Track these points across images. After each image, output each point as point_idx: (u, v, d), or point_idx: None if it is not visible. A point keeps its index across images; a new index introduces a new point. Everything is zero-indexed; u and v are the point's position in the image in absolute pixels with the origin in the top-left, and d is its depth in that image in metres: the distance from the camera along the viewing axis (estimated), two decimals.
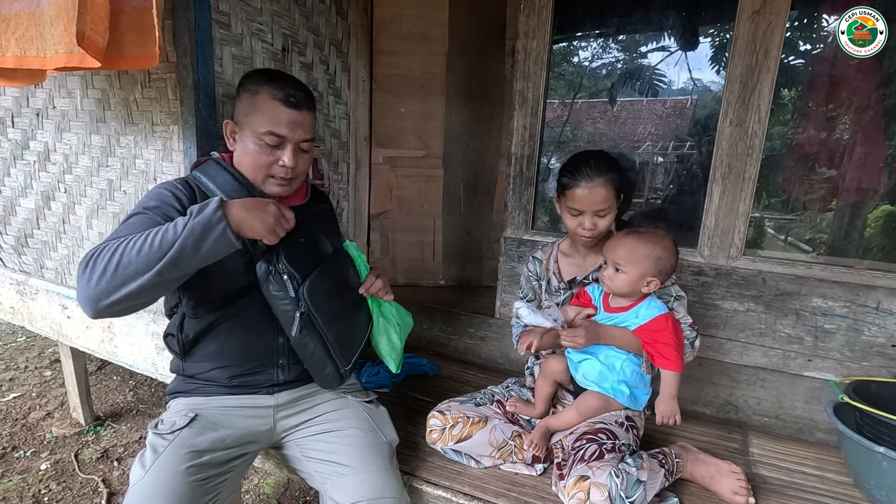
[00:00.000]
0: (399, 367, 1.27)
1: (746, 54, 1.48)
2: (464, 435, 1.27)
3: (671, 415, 1.21)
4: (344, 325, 1.17)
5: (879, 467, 1.17)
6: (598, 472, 1.05)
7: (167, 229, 0.90)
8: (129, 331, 1.56)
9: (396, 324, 1.26)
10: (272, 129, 1.07)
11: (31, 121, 1.64)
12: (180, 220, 0.91)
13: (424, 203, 2.44)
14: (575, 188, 1.29)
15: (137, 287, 0.88)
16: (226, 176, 1.09)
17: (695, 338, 1.32)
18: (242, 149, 1.11)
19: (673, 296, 1.33)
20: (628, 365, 1.26)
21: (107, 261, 0.88)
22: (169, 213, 1.01)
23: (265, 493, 1.72)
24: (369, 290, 1.22)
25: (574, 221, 1.32)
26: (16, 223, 1.79)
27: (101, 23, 0.98)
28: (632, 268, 1.21)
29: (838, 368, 1.52)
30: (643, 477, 1.05)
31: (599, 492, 1.02)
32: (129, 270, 0.88)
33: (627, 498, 1.02)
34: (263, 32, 1.51)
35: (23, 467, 1.78)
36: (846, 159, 2.29)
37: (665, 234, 1.25)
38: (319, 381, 1.18)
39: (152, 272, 0.88)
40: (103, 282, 0.88)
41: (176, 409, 1.11)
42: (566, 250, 1.48)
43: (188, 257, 0.90)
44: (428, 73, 2.30)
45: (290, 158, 1.09)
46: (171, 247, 0.88)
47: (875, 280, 1.46)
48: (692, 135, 3.26)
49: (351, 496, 1.02)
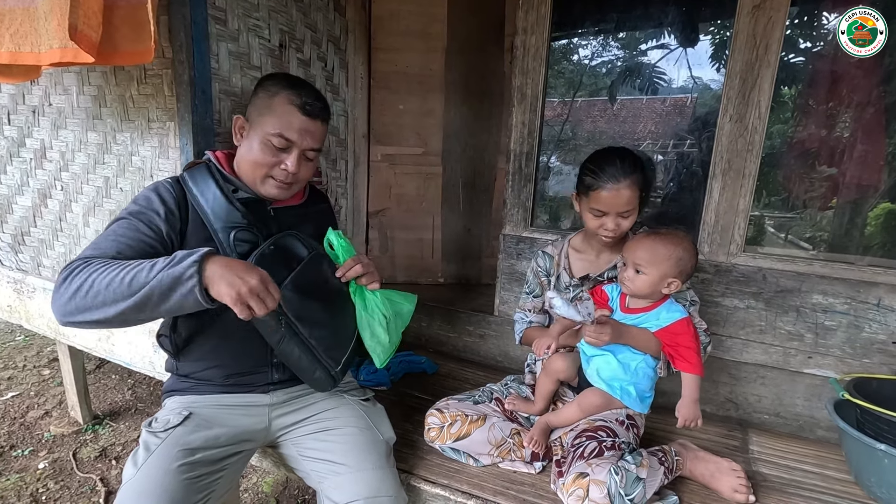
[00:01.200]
0: (384, 362, 1.15)
1: (746, 49, 1.47)
2: (462, 433, 1.26)
3: (694, 418, 1.21)
4: (327, 329, 1.12)
5: (880, 464, 1.16)
6: (598, 470, 1.04)
7: (141, 269, 0.86)
8: (127, 329, 1.55)
9: (383, 315, 1.14)
10: (282, 132, 1.08)
11: (28, 118, 1.63)
12: (159, 261, 0.87)
13: (423, 200, 2.43)
14: (600, 189, 1.24)
15: (100, 317, 0.88)
16: (212, 188, 1.08)
17: (707, 343, 1.32)
18: (248, 146, 1.11)
19: (688, 300, 1.33)
20: (643, 367, 1.25)
21: (79, 284, 0.88)
22: (152, 221, 1.01)
23: (264, 492, 1.71)
24: (346, 274, 1.12)
25: (596, 222, 1.30)
26: (12, 221, 1.78)
27: (93, 17, 0.98)
28: (652, 269, 1.20)
29: (839, 365, 1.51)
30: (642, 474, 1.04)
31: (598, 489, 1.02)
32: (96, 300, 0.87)
33: (627, 495, 1.01)
34: (260, 28, 1.50)
35: (21, 466, 1.78)
36: (846, 157, 2.28)
37: (685, 235, 1.24)
38: (312, 386, 1.16)
39: (115, 310, 0.86)
40: (72, 303, 0.89)
41: (170, 408, 1.11)
42: (578, 246, 1.46)
43: (153, 306, 0.86)
44: (426, 69, 2.29)
45: (294, 164, 1.10)
46: (139, 289, 0.85)
47: (876, 277, 1.45)
48: (692, 132, 3.26)
49: (347, 495, 1.01)
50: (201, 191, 1.08)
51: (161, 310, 0.88)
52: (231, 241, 1.06)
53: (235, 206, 1.08)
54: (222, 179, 1.10)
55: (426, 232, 2.47)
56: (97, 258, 0.93)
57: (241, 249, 1.06)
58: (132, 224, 1.00)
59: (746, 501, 1.15)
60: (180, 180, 1.10)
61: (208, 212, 1.07)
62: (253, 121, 1.11)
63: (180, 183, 1.09)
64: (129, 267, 0.87)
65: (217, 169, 1.12)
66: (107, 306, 0.86)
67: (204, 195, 1.07)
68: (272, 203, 1.17)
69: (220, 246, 1.06)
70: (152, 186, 1.08)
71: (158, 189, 1.06)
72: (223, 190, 1.08)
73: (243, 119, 1.14)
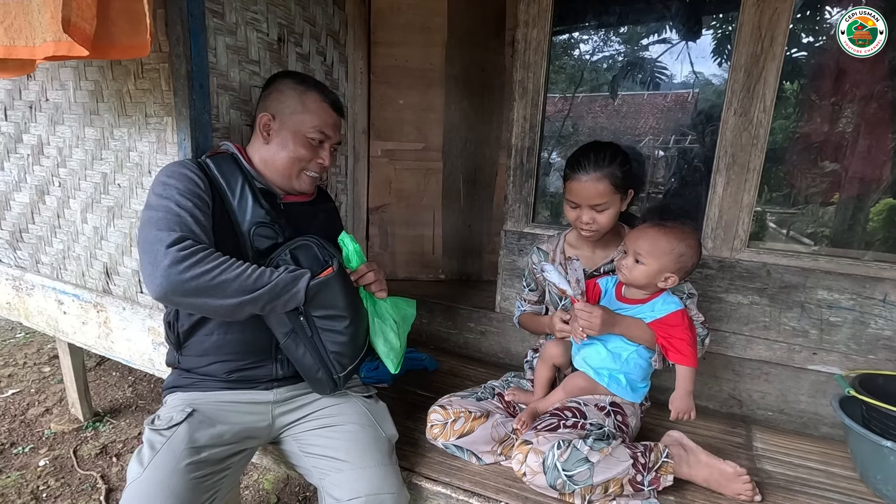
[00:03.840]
0: (398, 367, 1.20)
1: (752, 42, 1.45)
2: (466, 430, 1.26)
3: (687, 411, 1.20)
4: (343, 335, 1.10)
5: (887, 462, 1.15)
6: (542, 441, 1.10)
7: (263, 270, 1.01)
8: (126, 326, 1.54)
9: (394, 321, 1.19)
10: (322, 128, 1.17)
11: (24, 113, 1.61)
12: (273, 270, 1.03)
13: (424, 196, 2.41)
14: (573, 180, 1.29)
15: (216, 304, 0.96)
16: (240, 181, 1.12)
17: (706, 335, 1.32)
18: (282, 143, 1.16)
19: (685, 293, 1.32)
20: (634, 357, 1.25)
21: (208, 268, 0.94)
22: (202, 197, 1.05)
23: (264, 490, 1.71)
24: (359, 280, 1.16)
25: (572, 214, 1.33)
26: (10, 218, 1.77)
27: (87, 9, 0.96)
28: (652, 261, 1.19)
29: (844, 362, 1.50)
30: (593, 458, 1.05)
31: (536, 457, 1.07)
32: (220, 288, 0.95)
33: (565, 470, 1.04)
34: (258, 22, 1.48)
35: (21, 463, 1.78)
36: (850, 152, 2.27)
37: (691, 231, 1.23)
38: (312, 386, 1.16)
39: (236, 301, 0.97)
40: (194, 283, 0.93)
41: (173, 405, 1.10)
42: (574, 242, 1.47)
43: (264, 303, 1.00)
44: (427, 64, 2.27)
45: (329, 158, 1.21)
46: (262, 286, 0.99)
47: (882, 272, 1.43)
48: (694, 127, 3.24)
49: (349, 492, 1.01)
50: (227, 180, 1.11)
51: (267, 307, 1.01)
52: (252, 235, 1.09)
53: (261, 202, 1.11)
54: (248, 174, 1.15)
55: (427, 228, 2.45)
56: (201, 244, 0.98)
57: (259, 245, 1.10)
58: (188, 199, 1.02)
59: (752, 502, 1.14)
60: (203, 165, 1.11)
61: (234, 203, 1.10)
62: (284, 118, 1.15)
63: (203, 167, 1.10)
64: (247, 266, 1.00)
65: (244, 162, 1.16)
66: (228, 297, 0.96)
67: (230, 186, 1.11)
68: (283, 197, 1.20)
69: (241, 237, 1.09)
70: (178, 164, 1.09)
71: (188, 167, 1.08)
72: (252, 185, 1.13)
73: (269, 116, 1.16)
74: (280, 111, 1.16)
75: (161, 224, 0.97)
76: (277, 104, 1.17)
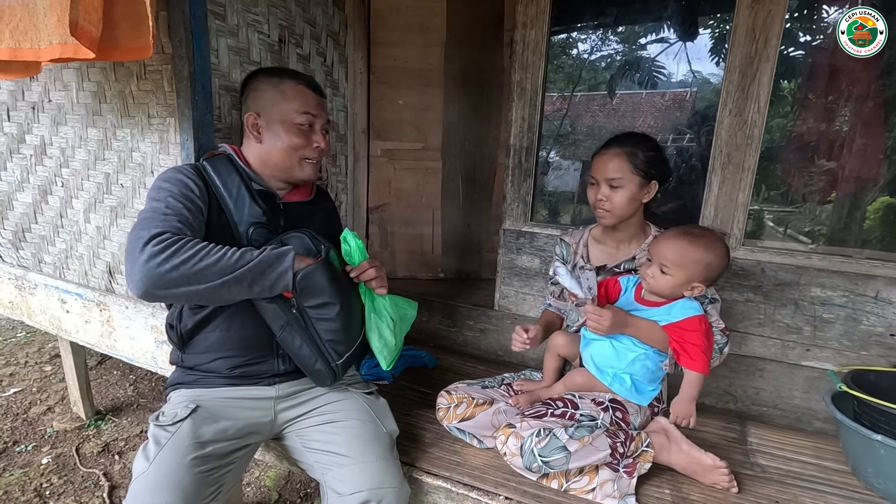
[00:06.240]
0: (390, 364, 1.20)
1: (746, 43, 1.47)
2: (467, 415, 1.31)
3: (686, 416, 1.21)
4: (336, 322, 1.11)
5: (877, 455, 1.17)
6: (525, 427, 1.14)
7: (245, 249, 1.00)
8: (128, 324, 1.56)
9: (391, 318, 1.19)
10: (306, 109, 1.16)
11: (27, 114, 1.62)
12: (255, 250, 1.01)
13: (423, 196, 2.43)
14: (596, 155, 1.35)
15: (200, 289, 0.93)
16: (236, 182, 1.12)
17: (725, 343, 1.29)
18: (274, 137, 1.16)
19: (708, 298, 1.30)
20: (642, 359, 1.24)
21: (186, 257, 0.92)
22: (193, 200, 1.04)
23: (266, 486, 1.72)
24: (359, 276, 1.15)
25: (592, 192, 1.37)
26: (13, 218, 1.78)
27: (94, 12, 0.97)
28: (679, 272, 1.16)
29: (837, 358, 1.52)
30: (572, 447, 1.09)
31: (516, 441, 1.12)
32: (202, 273, 0.93)
33: (541, 456, 1.09)
34: (260, 23, 1.50)
35: (24, 461, 1.79)
36: (846, 151, 2.29)
37: (719, 239, 1.19)
38: (312, 377, 1.17)
39: (218, 282, 0.94)
40: (174, 273, 0.91)
41: (177, 401, 1.11)
42: (598, 237, 1.49)
43: (249, 282, 0.98)
44: (426, 64, 2.28)
45: (322, 140, 1.20)
46: (245, 265, 0.97)
47: (874, 269, 1.46)
48: (691, 126, 3.26)
49: (351, 486, 1.02)
50: (224, 182, 1.11)
51: (255, 287, 1.00)
52: (249, 235, 1.10)
53: (258, 202, 1.12)
54: (245, 174, 1.15)
55: (426, 227, 2.47)
56: (180, 234, 0.96)
57: (256, 246, 1.09)
58: (179, 202, 1.02)
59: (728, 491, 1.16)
60: (200, 168, 1.12)
61: (230, 204, 1.10)
62: (267, 113, 1.16)
63: (200, 171, 1.11)
64: (228, 248, 0.98)
65: (240, 163, 1.16)
66: (210, 280, 0.94)
67: (227, 187, 1.11)
68: (282, 197, 1.21)
69: (238, 239, 1.10)
70: (175, 170, 1.10)
71: (184, 172, 1.08)
72: (248, 186, 1.13)
73: (254, 115, 1.16)
74: (262, 107, 1.16)
75: (144, 224, 0.96)
76: (258, 101, 1.17)
